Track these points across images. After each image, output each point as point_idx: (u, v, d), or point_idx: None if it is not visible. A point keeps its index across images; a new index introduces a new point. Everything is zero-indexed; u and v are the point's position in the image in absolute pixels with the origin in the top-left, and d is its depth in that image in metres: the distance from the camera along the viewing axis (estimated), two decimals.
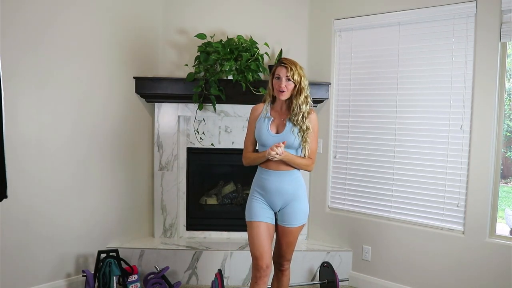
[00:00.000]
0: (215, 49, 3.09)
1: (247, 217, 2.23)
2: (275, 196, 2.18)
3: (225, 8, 3.38)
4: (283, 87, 2.11)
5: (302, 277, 3.17)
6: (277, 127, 2.20)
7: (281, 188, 2.17)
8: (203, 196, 3.69)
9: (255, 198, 2.23)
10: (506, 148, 2.88)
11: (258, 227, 2.16)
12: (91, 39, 2.96)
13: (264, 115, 2.23)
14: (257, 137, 2.23)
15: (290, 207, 2.19)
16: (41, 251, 2.78)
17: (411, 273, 2.94)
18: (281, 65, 2.14)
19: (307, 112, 2.15)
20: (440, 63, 2.81)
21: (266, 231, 2.16)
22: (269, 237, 2.18)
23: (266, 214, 2.19)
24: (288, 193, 2.18)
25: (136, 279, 2.95)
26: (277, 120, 2.21)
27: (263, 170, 2.22)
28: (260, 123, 2.22)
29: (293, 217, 2.19)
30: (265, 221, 2.18)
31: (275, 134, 2.18)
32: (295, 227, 2.21)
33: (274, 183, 2.17)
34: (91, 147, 3.02)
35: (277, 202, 2.19)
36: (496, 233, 2.64)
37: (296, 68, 2.12)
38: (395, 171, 3.02)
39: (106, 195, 3.15)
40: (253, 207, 2.21)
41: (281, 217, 2.22)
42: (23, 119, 2.66)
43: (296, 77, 2.11)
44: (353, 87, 3.22)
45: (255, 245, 2.14)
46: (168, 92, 3.21)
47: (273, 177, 2.18)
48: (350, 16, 3.18)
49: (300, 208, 2.21)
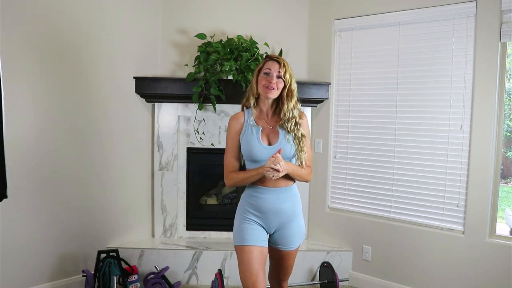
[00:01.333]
0: (215, 49, 3.09)
1: (236, 241, 1.91)
2: (272, 217, 1.89)
3: (225, 8, 3.38)
4: (273, 84, 1.84)
5: (302, 277, 3.17)
6: (268, 137, 1.90)
7: (279, 207, 1.88)
8: (203, 196, 3.69)
9: (247, 220, 1.90)
10: (506, 148, 2.88)
11: (250, 253, 1.84)
12: (91, 39, 2.95)
13: (249, 124, 1.90)
14: (245, 152, 1.89)
15: (288, 229, 1.92)
16: (41, 251, 2.78)
17: (411, 273, 2.94)
18: (272, 60, 1.88)
19: (298, 116, 1.90)
20: (440, 63, 2.81)
21: (259, 257, 1.85)
22: (262, 262, 1.87)
23: (260, 237, 1.89)
24: (287, 213, 1.91)
25: (136, 279, 2.95)
26: (266, 129, 1.91)
27: (256, 188, 1.89)
28: (247, 135, 1.88)
29: (292, 240, 1.94)
30: (259, 245, 1.87)
31: (267, 145, 1.87)
32: (295, 249, 1.98)
33: (271, 202, 1.87)
34: (91, 147, 3.02)
35: (274, 224, 1.91)
36: (496, 233, 2.64)
37: (288, 66, 1.88)
38: (395, 171, 3.02)
39: (106, 195, 3.15)
40: (244, 229, 1.89)
41: (279, 240, 1.94)
42: (23, 119, 2.66)
43: (288, 76, 1.86)
44: (353, 87, 3.22)
45: (248, 274, 1.82)
46: (168, 92, 3.21)
47: (270, 195, 1.88)
48: (350, 16, 3.18)
49: (299, 228, 1.97)
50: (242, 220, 1.93)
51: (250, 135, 1.89)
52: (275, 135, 1.90)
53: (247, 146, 1.88)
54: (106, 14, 3.03)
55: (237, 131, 1.92)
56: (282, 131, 1.89)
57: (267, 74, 1.86)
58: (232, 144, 1.94)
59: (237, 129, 1.92)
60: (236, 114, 1.98)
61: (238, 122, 1.94)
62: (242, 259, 1.87)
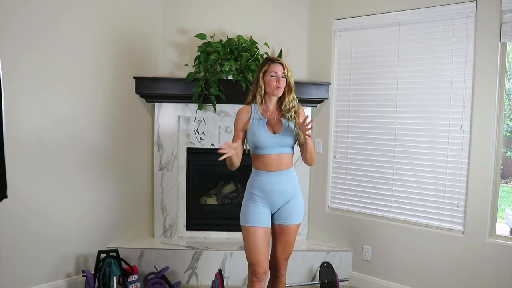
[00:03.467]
0: (215, 49, 3.09)
1: (242, 221, 2.19)
2: (276, 196, 2.16)
3: (225, 8, 3.38)
4: (281, 84, 2.15)
5: (302, 277, 3.17)
6: (273, 127, 2.18)
7: (281, 187, 2.16)
8: (203, 196, 3.69)
9: (252, 201, 2.17)
10: (506, 148, 2.88)
11: (255, 233, 2.12)
12: (91, 39, 2.96)
13: (256, 117, 2.18)
14: (252, 141, 2.17)
15: (289, 205, 2.19)
16: (41, 251, 2.78)
17: (411, 273, 2.94)
18: (274, 63, 2.18)
19: (297, 107, 2.23)
20: (440, 63, 2.81)
21: (263, 237, 2.13)
22: (266, 242, 2.15)
23: (264, 218, 2.16)
24: (288, 192, 2.18)
25: (136, 279, 2.95)
26: (271, 120, 2.20)
27: (261, 173, 2.18)
28: (254, 126, 2.17)
29: (292, 215, 2.19)
30: (262, 226, 2.14)
31: (272, 134, 2.16)
32: (294, 224, 2.21)
33: (274, 184, 2.15)
34: (91, 147, 3.02)
35: (277, 202, 2.17)
36: (496, 233, 2.64)
37: (287, 66, 2.20)
38: (395, 171, 3.02)
39: (106, 195, 3.15)
40: (250, 210, 2.16)
41: (280, 216, 2.20)
42: (23, 119, 2.66)
43: (290, 74, 2.19)
44: (353, 87, 3.22)
45: (252, 251, 2.11)
46: (168, 92, 3.21)
47: (273, 178, 2.16)
48: (350, 16, 3.18)
49: (299, 205, 2.23)
50: (248, 202, 2.20)
51: (256, 125, 2.17)
52: (279, 125, 2.19)
53: (253, 135, 2.16)
54: (106, 14, 3.03)
55: (244, 122, 2.21)
56: (284, 121, 2.19)
57: (273, 76, 2.15)
58: (237, 132, 2.21)
59: (244, 120, 2.21)
60: (242, 108, 2.25)
61: (247, 114, 2.22)
62: (247, 239, 2.14)
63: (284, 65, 2.17)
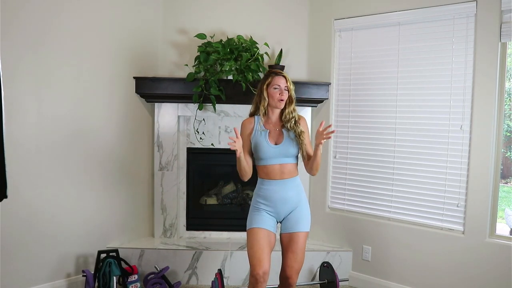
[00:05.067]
0: (215, 49, 3.09)
1: (247, 227, 2.22)
2: (280, 203, 2.19)
3: (225, 8, 3.38)
4: (284, 97, 2.20)
5: (302, 277, 3.17)
6: (275, 138, 2.23)
7: (285, 195, 2.19)
8: (203, 196, 3.69)
9: (257, 210, 2.22)
10: (506, 148, 2.88)
11: (256, 233, 2.14)
12: (91, 39, 2.96)
13: (259, 128, 2.24)
14: (255, 151, 2.24)
15: (294, 213, 2.21)
16: (41, 251, 2.78)
17: (411, 273, 2.94)
18: (278, 75, 2.23)
19: (297, 117, 2.26)
20: (440, 63, 2.81)
21: (265, 237, 2.13)
22: (268, 244, 2.13)
23: (268, 222, 2.18)
24: (292, 200, 2.21)
25: (136, 279, 2.95)
26: (273, 132, 2.25)
27: (265, 181, 2.23)
28: (257, 137, 2.23)
29: (298, 223, 2.19)
30: (265, 227, 2.16)
31: (274, 145, 2.21)
32: (302, 232, 2.19)
33: (278, 192, 2.19)
34: (91, 147, 3.02)
35: (282, 211, 2.20)
36: (496, 233, 2.64)
37: (289, 79, 2.26)
38: (395, 171, 3.02)
39: (106, 195, 3.15)
40: (255, 216, 2.20)
41: (287, 224, 2.21)
42: (23, 119, 2.67)
43: (291, 87, 2.25)
44: (353, 87, 3.22)
45: (253, 251, 2.10)
46: (168, 92, 3.21)
47: (277, 186, 2.20)
48: (350, 16, 3.18)
49: (305, 213, 2.23)
50: (254, 209, 2.25)
51: (259, 137, 2.23)
52: (281, 136, 2.24)
53: (256, 146, 2.22)
54: (106, 14, 3.03)
55: (248, 134, 2.27)
56: (285, 131, 2.24)
57: (277, 89, 2.21)
58: (244, 142, 2.25)
59: (249, 131, 2.27)
60: (246, 119, 2.33)
61: (250, 125, 2.28)
62: (250, 239, 2.16)
63: (287, 78, 2.23)
